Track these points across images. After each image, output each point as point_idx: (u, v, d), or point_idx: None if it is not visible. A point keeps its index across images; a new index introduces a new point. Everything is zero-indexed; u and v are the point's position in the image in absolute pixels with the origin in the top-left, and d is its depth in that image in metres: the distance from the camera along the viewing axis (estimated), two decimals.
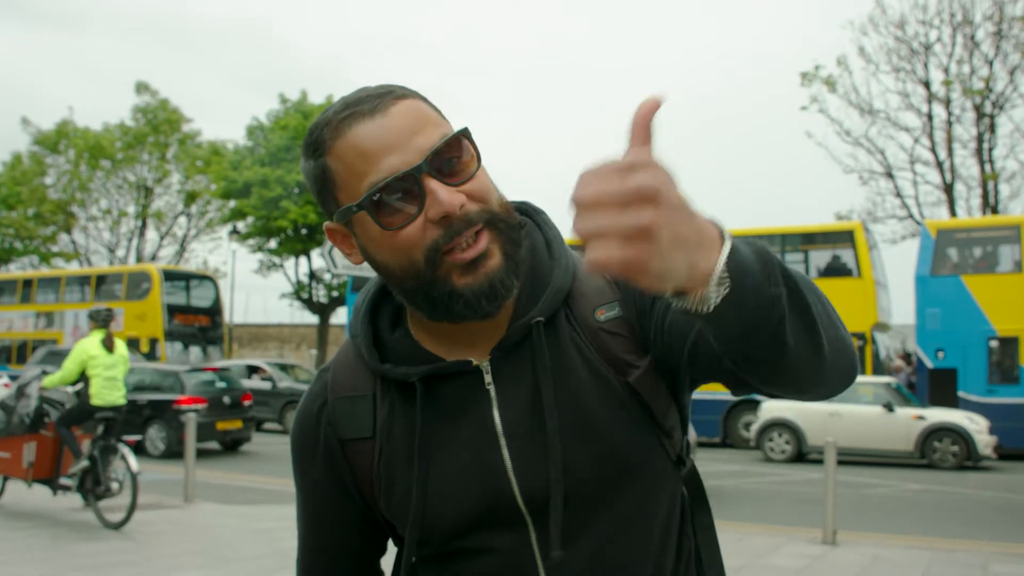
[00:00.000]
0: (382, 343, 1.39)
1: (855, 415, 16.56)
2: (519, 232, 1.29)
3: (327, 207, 1.30)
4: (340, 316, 41.95)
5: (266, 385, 23.36)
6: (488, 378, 1.32)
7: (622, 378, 1.31)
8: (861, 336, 18.93)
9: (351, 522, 1.43)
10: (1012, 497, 12.25)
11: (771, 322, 1.03)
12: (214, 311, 31.71)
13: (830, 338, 1.13)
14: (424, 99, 1.29)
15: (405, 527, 1.35)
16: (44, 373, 10.63)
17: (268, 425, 23.61)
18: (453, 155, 1.22)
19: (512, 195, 1.46)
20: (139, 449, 16.74)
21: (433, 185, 1.19)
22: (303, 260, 41.70)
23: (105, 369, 9.98)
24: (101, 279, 31.72)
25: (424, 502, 1.31)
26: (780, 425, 17.37)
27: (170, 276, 30.89)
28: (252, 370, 24.07)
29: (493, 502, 1.30)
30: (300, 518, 1.50)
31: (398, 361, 1.35)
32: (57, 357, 25.97)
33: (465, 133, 1.25)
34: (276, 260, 42.15)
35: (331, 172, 1.25)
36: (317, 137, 1.26)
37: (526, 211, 1.45)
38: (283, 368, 24.68)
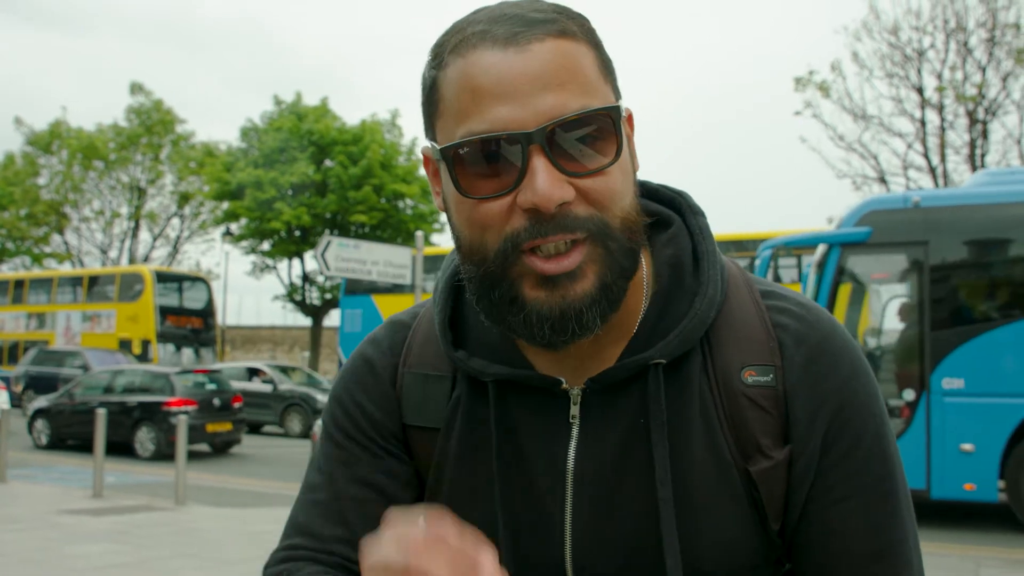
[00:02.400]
0: (463, 321, 1.12)
1: None
2: (634, 260, 1.01)
3: (426, 128, 1.04)
4: (333, 318, 41.87)
5: (267, 388, 22.98)
6: (574, 410, 1.05)
7: (744, 463, 1.02)
8: None
9: (383, 487, 1.13)
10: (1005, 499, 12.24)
11: None
12: (207, 313, 31.66)
13: None
14: (595, 45, 1.00)
15: None
16: None
17: (268, 428, 23.40)
18: (587, 135, 0.95)
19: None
20: (129, 451, 16.69)
21: (539, 164, 0.92)
22: (296, 262, 41.66)
23: None
24: (93, 280, 31.67)
25: (508, 533, 1.06)
26: None
27: (163, 278, 30.86)
28: (252, 372, 23.82)
29: (536, 554, 1.06)
30: (320, 473, 1.16)
31: (476, 349, 1.09)
32: (49, 357, 25.94)
33: (613, 112, 0.97)
34: (269, 262, 42.07)
35: (438, 92, 0.99)
36: (443, 41, 1.00)
37: (678, 206, 1.14)
38: (283, 370, 24.42)
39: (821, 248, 10.62)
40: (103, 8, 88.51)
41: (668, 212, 1.13)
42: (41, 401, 18.69)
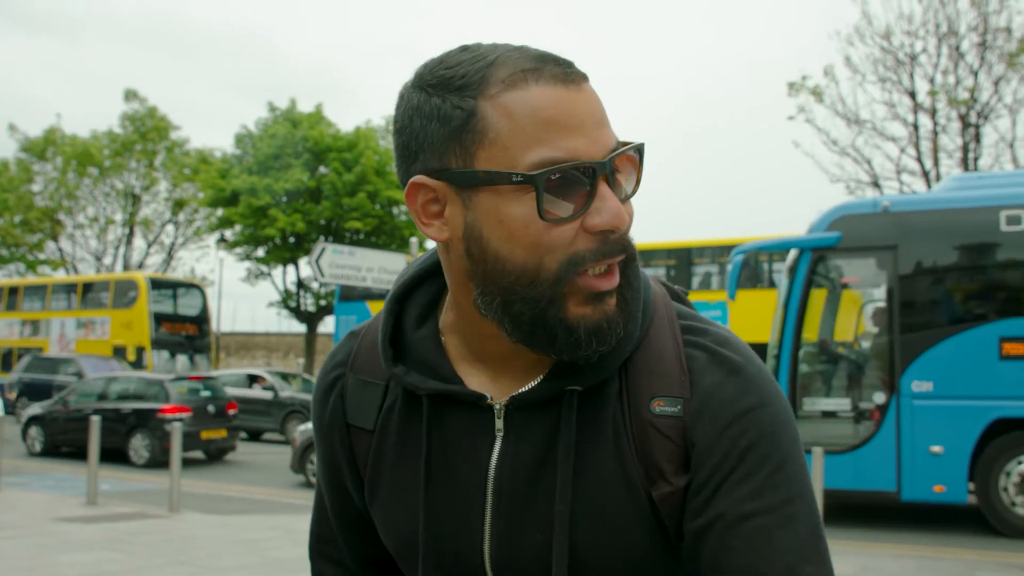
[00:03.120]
0: (403, 338, 1.21)
1: None
2: (640, 280, 1.14)
3: (443, 156, 1.05)
4: (328, 325, 41.89)
5: (267, 395, 22.71)
6: (499, 423, 1.14)
7: (647, 486, 1.10)
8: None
9: (358, 500, 1.30)
10: None
11: None
12: (201, 319, 31.61)
13: None
14: None
15: (382, 536, 1.26)
16: None
17: (268, 436, 23.27)
18: (628, 167, 1.07)
19: None
20: (123, 458, 16.65)
21: (606, 191, 1.02)
22: (291, 269, 41.64)
23: None
24: (87, 287, 31.61)
25: (430, 534, 1.17)
26: None
27: (157, 284, 30.79)
28: (252, 379, 23.61)
29: (460, 551, 1.16)
30: (319, 479, 1.36)
31: (413, 365, 1.18)
32: (43, 364, 25.89)
33: (641, 148, 1.09)
34: (264, 269, 42.05)
35: (482, 121, 1.02)
36: (473, 74, 1.03)
37: None
38: (284, 377, 24.24)
39: (792, 253, 10.75)
40: (97, 15, 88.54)
41: None
42: (35, 408, 18.64)
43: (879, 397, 10.20)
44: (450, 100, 1.04)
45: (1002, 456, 9.88)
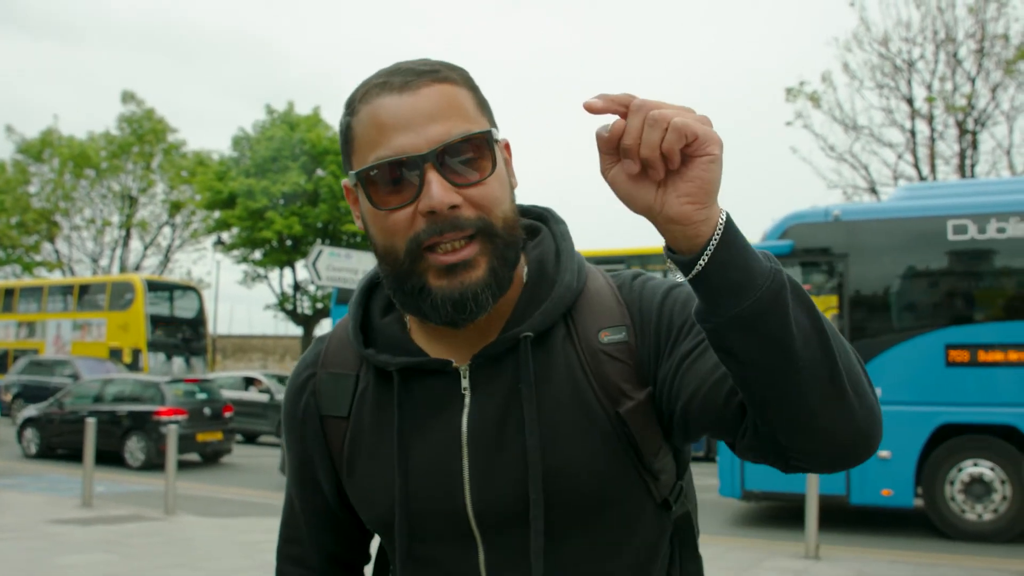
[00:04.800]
0: (371, 326, 1.37)
1: None
2: (516, 251, 1.25)
3: (344, 165, 1.29)
4: (324, 328, 41.82)
5: (263, 397, 22.72)
6: (465, 383, 1.28)
7: (613, 407, 1.25)
8: None
9: (329, 493, 1.42)
10: None
11: (778, 306, 1.01)
12: (198, 322, 31.58)
13: (851, 376, 1.08)
14: (472, 88, 1.26)
15: (363, 513, 1.36)
16: None
17: (264, 438, 23.23)
18: (467, 154, 1.20)
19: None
20: (119, 460, 16.62)
21: (432, 178, 1.16)
22: (288, 271, 41.64)
23: None
24: (84, 289, 31.56)
25: (406, 495, 1.28)
26: None
27: (154, 286, 30.75)
28: (249, 382, 23.60)
29: (444, 509, 1.27)
30: (289, 479, 1.48)
31: (382, 347, 1.33)
32: (39, 366, 25.84)
33: (487, 136, 1.22)
34: (261, 271, 42.05)
35: (352, 133, 1.24)
36: (353, 95, 1.26)
37: (545, 218, 1.42)
38: (280, 380, 24.13)
39: None
40: (95, 17, 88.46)
41: (537, 224, 1.41)
42: (31, 410, 18.59)
43: None
44: (342, 116, 1.27)
45: (948, 461, 10.09)
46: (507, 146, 1.32)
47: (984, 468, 9.99)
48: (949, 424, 10.02)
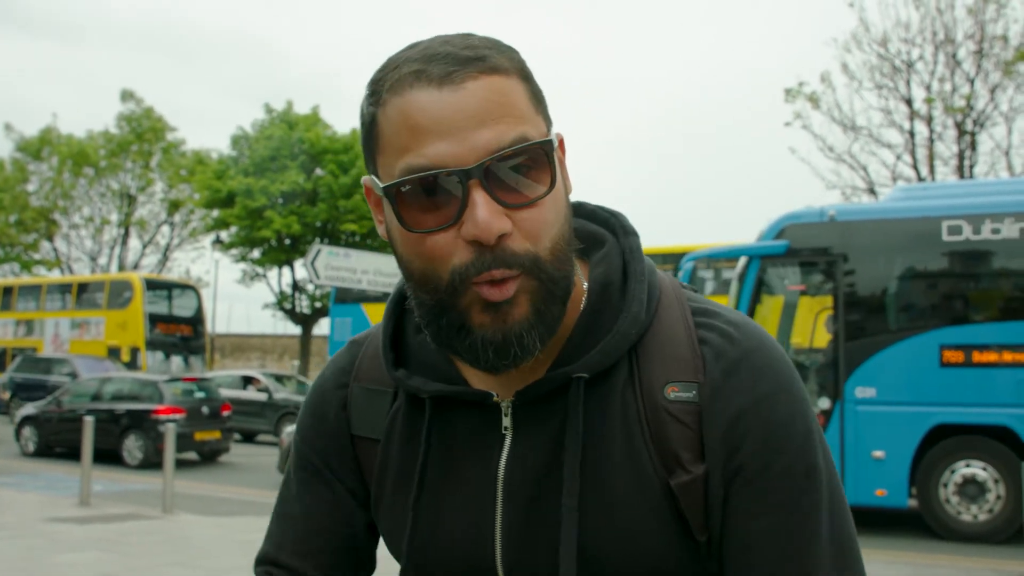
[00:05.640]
0: (405, 341, 1.19)
1: None
2: (564, 286, 1.04)
3: (367, 161, 1.08)
4: (323, 327, 41.82)
5: (261, 396, 22.69)
6: (506, 421, 1.10)
7: (666, 476, 1.05)
8: None
9: (343, 511, 1.23)
10: None
11: None
12: (196, 321, 31.56)
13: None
14: (526, 78, 1.04)
15: (390, 546, 1.21)
16: None
17: (262, 437, 23.20)
18: (522, 166, 0.99)
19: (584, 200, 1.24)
20: (117, 459, 16.62)
21: (478, 198, 0.96)
22: (286, 270, 41.58)
23: None
24: (82, 287, 31.55)
25: (414, 537, 1.13)
26: None
27: (152, 285, 30.73)
28: (247, 381, 23.58)
29: (469, 561, 1.12)
30: (290, 491, 1.27)
31: (416, 368, 1.15)
32: (37, 365, 25.83)
33: (547, 146, 1.00)
34: (259, 270, 41.99)
35: (378, 130, 1.02)
36: (381, 79, 1.03)
37: (612, 227, 1.19)
38: (278, 379, 24.19)
39: (741, 260, 10.93)
40: (95, 17, 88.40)
41: (602, 232, 1.18)
42: (29, 408, 18.59)
43: (824, 402, 10.42)
44: (364, 104, 1.05)
45: (942, 461, 10.13)
46: (561, 143, 1.11)
47: (978, 468, 10.02)
48: (943, 424, 10.05)
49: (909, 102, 23.37)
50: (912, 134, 23.55)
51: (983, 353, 9.92)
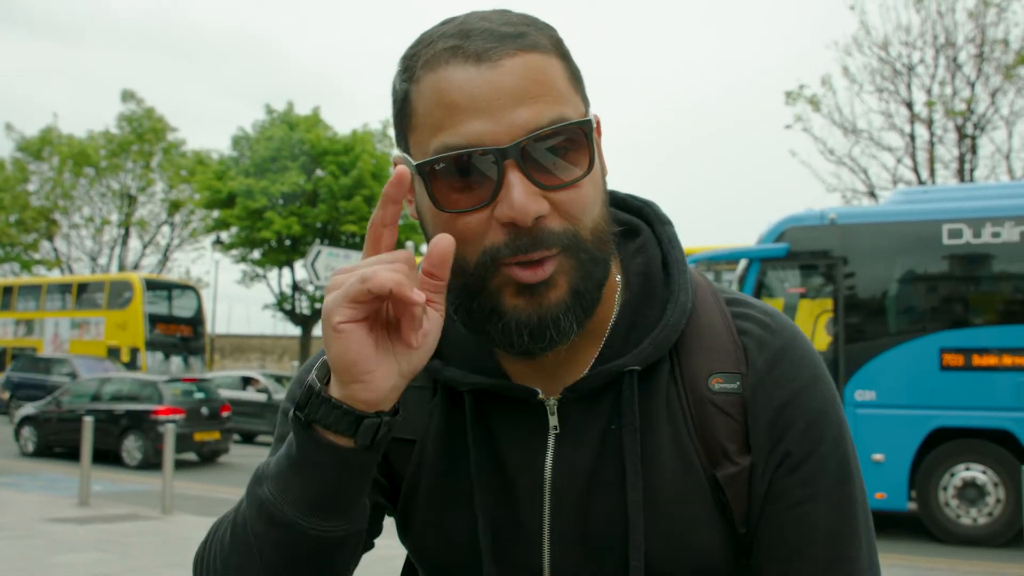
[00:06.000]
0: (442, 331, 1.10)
1: None
2: (604, 268, 1.01)
3: (398, 137, 1.05)
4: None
5: (261, 397, 22.74)
6: (554, 420, 1.06)
7: (712, 468, 1.03)
8: None
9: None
10: None
11: None
12: (196, 321, 31.57)
13: None
14: (563, 56, 1.00)
15: (417, 552, 1.15)
16: None
17: (262, 438, 23.21)
18: (560, 147, 0.96)
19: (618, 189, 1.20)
20: (116, 459, 16.61)
21: (514, 179, 0.93)
22: (286, 271, 41.57)
23: None
24: (82, 287, 31.55)
25: (487, 540, 1.07)
26: None
27: (152, 285, 30.75)
28: (246, 381, 23.61)
29: (514, 569, 1.07)
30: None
31: (454, 359, 1.10)
32: (37, 365, 25.82)
33: (586, 127, 0.98)
34: (259, 271, 41.97)
35: (411, 107, 0.99)
36: (414, 54, 1.00)
37: (646, 216, 1.17)
38: (278, 380, 24.21)
39: (742, 263, 10.98)
40: (96, 16, 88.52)
41: (637, 221, 1.15)
42: (28, 408, 18.60)
43: None
44: (397, 80, 1.02)
45: (942, 465, 10.15)
46: (598, 125, 1.06)
47: (977, 472, 10.02)
48: (943, 428, 10.05)
49: (910, 105, 23.37)
50: (913, 137, 23.55)
51: (983, 356, 9.93)
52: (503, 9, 1.01)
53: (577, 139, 0.97)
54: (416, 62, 0.99)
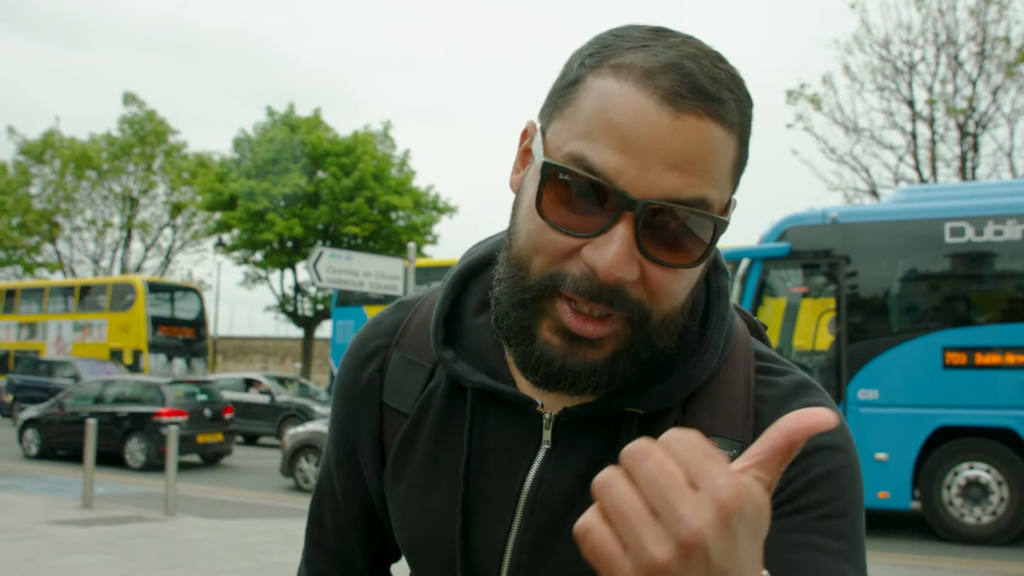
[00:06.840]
0: (460, 320, 1.11)
1: None
2: (651, 352, 0.96)
3: (545, 106, 0.98)
4: (325, 330, 41.82)
5: (264, 399, 22.79)
6: (547, 435, 1.04)
7: None
8: None
9: (371, 483, 1.19)
10: None
11: None
12: (198, 323, 31.59)
13: None
14: (743, 140, 0.95)
15: (396, 531, 1.15)
16: None
17: (264, 440, 23.24)
18: (684, 227, 0.90)
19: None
20: (119, 461, 16.63)
21: (622, 232, 0.87)
22: (288, 273, 41.62)
23: None
24: (85, 290, 31.58)
25: (464, 533, 1.06)
26: None
27: (154, 288, 30.78)
28: (249, 383, 23.65)
29: (473, 566, 1.06)
30: (326, 462, 1.24)
31: (463, 353, 1.08)
32: (40, 367, 25.84)
33: (720, 226, 0.91)
34: (261, 273, 42.03)
35: (576, 94, 0.92)
36: (608, 47, 0.93)
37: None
38: (280, 381, 24.26)
39: (744, 262, 10.96)
40: (97, 19, 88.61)
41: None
42: (31, 411, 18.61)
43: None
44: (578, 58, 0.95)
45: (945, 464, 10.13)
46: (734, 207, 1.00)
47: (981, 471, 10.01)
48: (946, 427, 10.05)
49: (911, 104, 23.36)
50: (914, 136, 23.53)
51: (986, 355, 9.92)
52: (719, 55, 0.94)
53: (705, 229, 0.91)
54: (606, 57, 0.91)
